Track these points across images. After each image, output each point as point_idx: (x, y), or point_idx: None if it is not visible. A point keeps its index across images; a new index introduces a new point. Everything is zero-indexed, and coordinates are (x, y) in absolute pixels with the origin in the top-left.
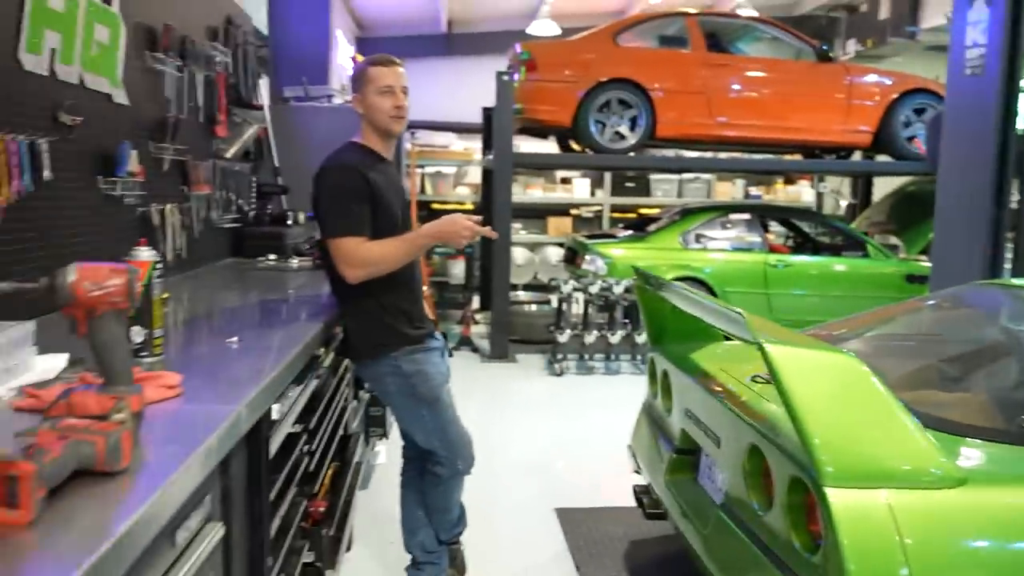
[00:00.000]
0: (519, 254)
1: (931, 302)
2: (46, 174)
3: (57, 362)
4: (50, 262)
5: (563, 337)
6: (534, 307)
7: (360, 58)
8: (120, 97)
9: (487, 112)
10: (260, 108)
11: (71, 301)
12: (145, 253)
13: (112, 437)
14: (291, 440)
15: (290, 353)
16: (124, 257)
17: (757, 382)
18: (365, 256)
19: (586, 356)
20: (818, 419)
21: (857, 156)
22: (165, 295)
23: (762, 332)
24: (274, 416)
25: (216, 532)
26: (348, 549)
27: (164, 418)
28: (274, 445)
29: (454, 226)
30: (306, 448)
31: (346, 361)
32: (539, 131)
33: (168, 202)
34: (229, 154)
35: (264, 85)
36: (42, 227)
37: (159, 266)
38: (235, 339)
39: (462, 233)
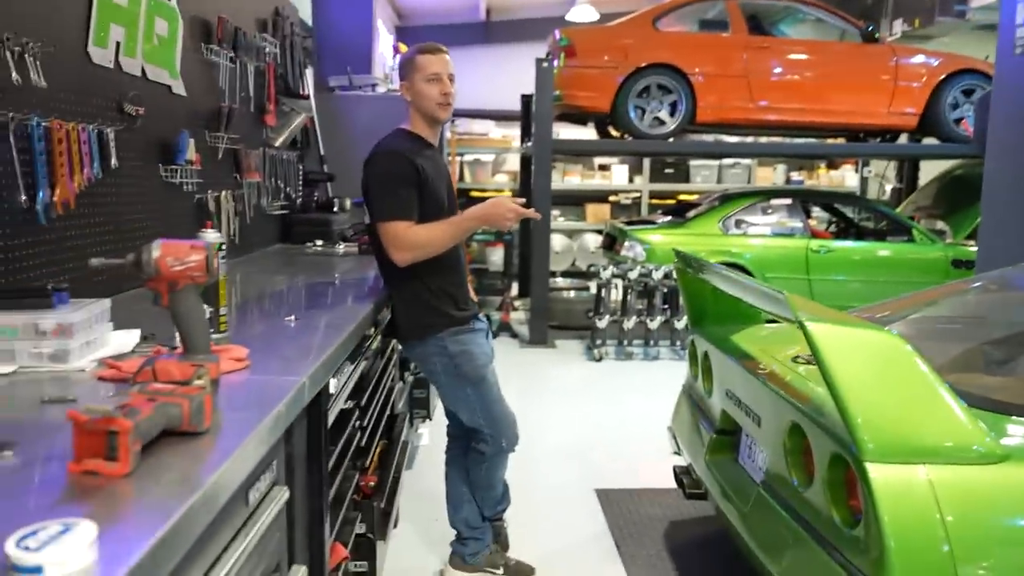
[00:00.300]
0: (557, 241)
1: (976, 284)
2: (113, 162)
3: (131, 337)
4: (116, 245)
5: (602, 323)
6: (573, 293)
7: (404, 48)
8: (178, 88)
9: (525, 99)
10: (307, 98)
11: (156, 275)
12: (211, 235)
13: (196, 400)
14: (344, 416)
15: (346, 330)
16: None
17: (798, 362)
18: (413, 239)
19: (625, 342)
20: (859, 396)
21: (903, 139)
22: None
23: (804, 311)
24: (331, 390)
25: (282, 495)
26: (395, 526)
27: (235, 387)
28: (331, 418)
29: (499, 208)
30: (358, 424)
31: (393, 343)
32: (578, 117)
33: (222, 189)
34: (278, 143)
35: (309, 75)
36: (109, 212)
37: (223, 248)
38: (292, 318)
39: (507, 215)
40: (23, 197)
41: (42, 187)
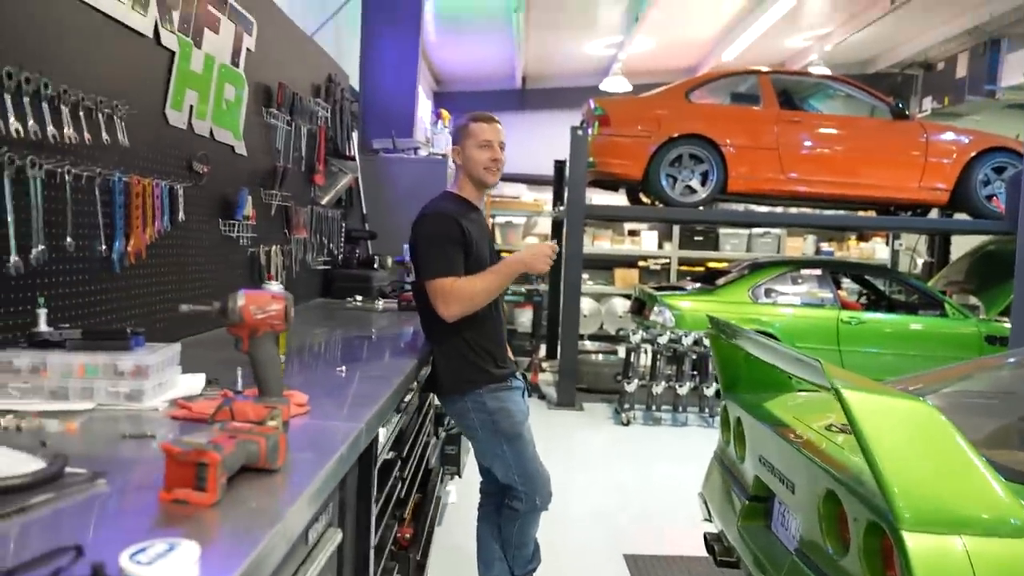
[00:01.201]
0: (585, 304)
1: (1010, 360)
2: (180, 216)
3: (197, 381)
4: (178, 294)
5: (630, 387)
6: (601, 357)
7: (446, 113)
8: (240, 148)
9: (559, 165)
10: (353, 159)
11: (239, 321)
12: (275, 286)
13: (271, 439)
14: (387, 466)
15: (394, 383)
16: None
17: (833, 431)
18: (459, 292)
19: (653, 407)
20: (896, 464)
21: (934, 214)
22: None
23: (839, 379)
24: (380, 439)
25: (336, 537)
26: None
27: (300, 430)
28: (377, 466)
29: (538, 250)
30: (398, 474)
31: (430, 399)
32: (610, 184)
33: (273, 244)
34: (324, 201)
35: (355, 137)
36: (174, 263)
37: None
38: (343, 368)
39: (544, 259)
40: (103, 246)
41: (119, 238)
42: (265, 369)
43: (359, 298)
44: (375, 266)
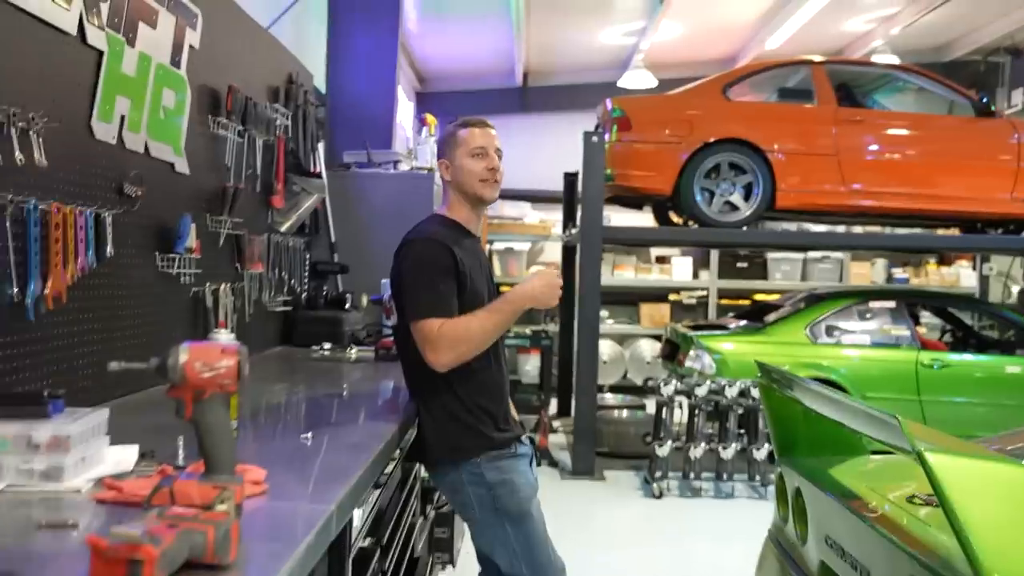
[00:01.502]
0: (606, 348)
1: None
2: (108, 249)
3: (129, 454)
4: (105, 345)
5: (663, 450)
6: (625, 413)
7: (431, 119)
8: (181, 166)
9: (570, 178)
10: (319, 176)
11: (181, 382)
12: (224, 335)
13: (222, 527)
14: (363, 556)
15: (372, 451)
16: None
17: (916, 503)
18: (453, 336)
19: (691, 474)
20: (993, 544)
21: None
22: None
23: (922, 439)
24: (355, 522)
25: None
26: None
27: (256, 514)
28: (351, 556)
29: (547, 278)
30: (378, 567)
31: (415, 470)
32: (633, 201)
33: (221, 281)
34: (285, 228)
35: (321, 149)
36: (100, 307)
37: None
38: (308, 435)
39: (557, 289)
40: (14, 289)
41: (33, 278)
42: (213, 440)
43: (327, 346)
44: (347, 306)
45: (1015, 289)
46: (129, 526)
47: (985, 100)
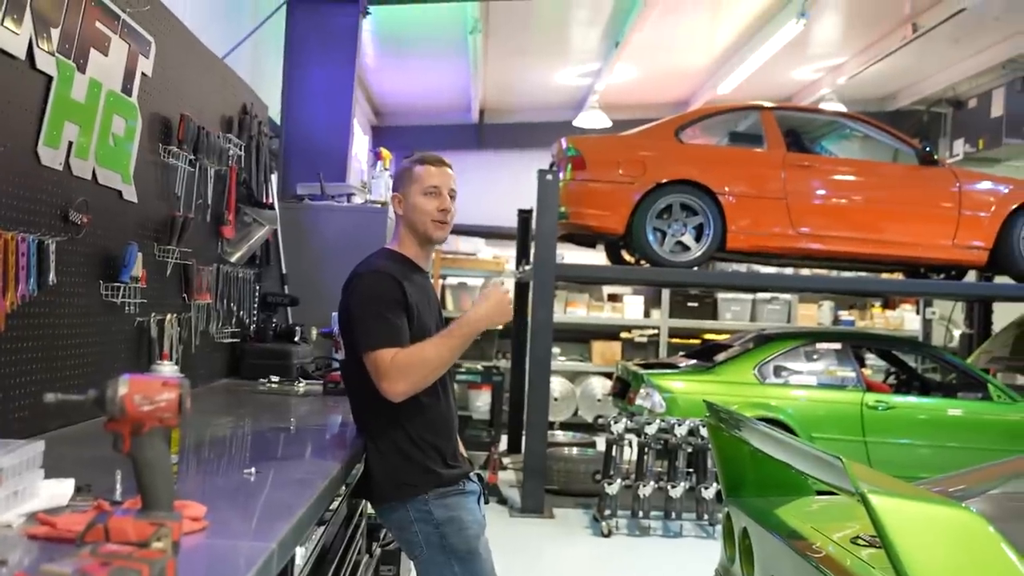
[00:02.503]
0: (557, 385)
1: None
2: (51, 278)
3: (64, 488)
4: (46, 375)
5: (612, 489)
6: (575, 451)
7: (386, 153)
8: (130, 194)
9: (524, 215)
10: (272, 207)
11: (120, 415)
12: (167, 368)
13: (156, 566)
14: None
15: (317, 487)
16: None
17: (859, 544)
18: (406, 363)
19: (640, 513)
20: None
21: (971, 276)
22: None
23: (866, 481)
24: (297, 560)
25: None
26: None
27: (193, 552)
28: None
29: (497, 296)
30: None
31: (361, 507)
32: (586, 239)
33: (168, 312)
34: (235, 258)
35: (274, 181)
36: (40, 336)
37: None
38: (252, 470)
39: (509, 307)
40: None
41: None
42: (151, 475)
43: (275, 379)
44: (296, 339)
45: (956, 333)
46: (60, 564)
47: (928, 149)
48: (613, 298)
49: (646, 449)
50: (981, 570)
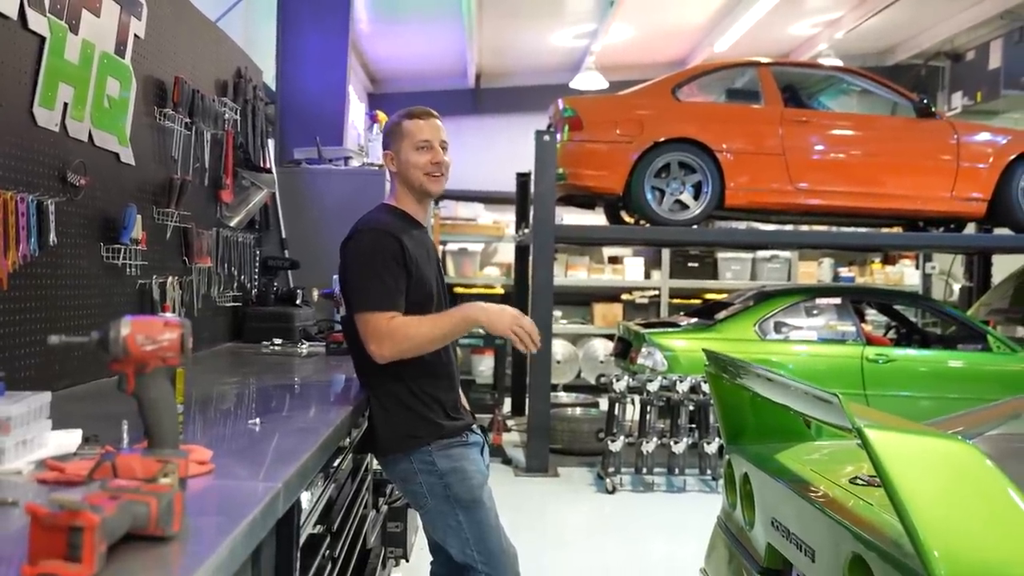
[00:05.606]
0: (559, 348)
1: None
2: (52, 238)
3: (72, 438)
4: (49, 333)
5: (615, 446)
6: (579, 411)
7: (382, 116)
8: (127, 156)
9: (522, 178)
10: (269, 171)
11: (123, 355)
12: (172, 317)
13: (164, 499)
14: (313, 542)
15: (322, 435)
16: None
17: (859, 484)
18: (396, 332)
19: (644, 469)
20: (933, 520)
21: (971, 229)
22: None
23: (862, 416)
24: (304, 505)
25: None
26: None
27: (200, 493)
28: (302, 539)
29: (510, 312)
30: (328, 553)
31: (367, 462)
32: (585, 200)
33: (169, 275)
34: (234, 222)
35: (271, 146)
36: (42, 296)
37: None
38: (257, 421)
39: (511, 322)
40: None
41: None
42: (156, 413)
43: (278, 341)
44: (297, 302)
45: (956, 287)
46: (70, 493)
47: (926, 102)
48: (614, 260)
49: (648, 407)
50: (978, 501)
